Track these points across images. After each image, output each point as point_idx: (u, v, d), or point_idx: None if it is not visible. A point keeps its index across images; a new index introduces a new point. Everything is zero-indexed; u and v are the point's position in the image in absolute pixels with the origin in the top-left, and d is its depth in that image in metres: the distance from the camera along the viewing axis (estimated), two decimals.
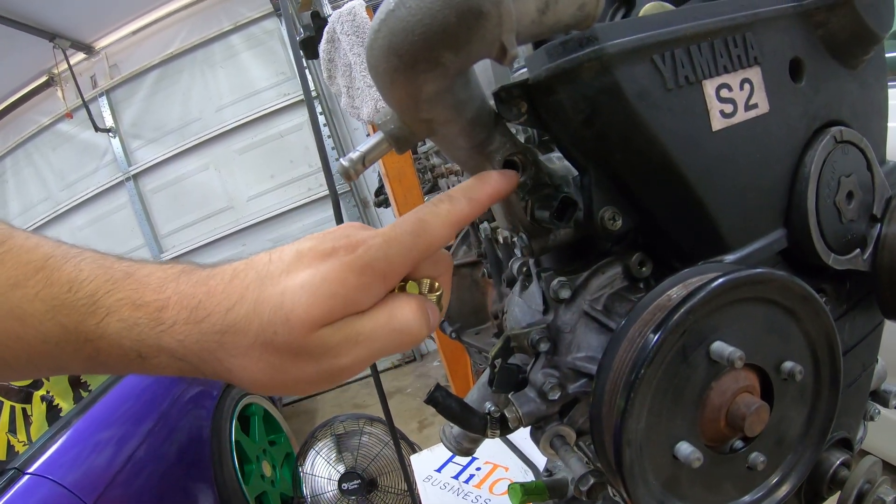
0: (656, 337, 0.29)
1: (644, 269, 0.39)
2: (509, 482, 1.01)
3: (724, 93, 0.36)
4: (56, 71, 3.89)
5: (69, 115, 3.78)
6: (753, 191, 0.38)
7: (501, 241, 0.73)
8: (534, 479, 0.66)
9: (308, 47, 2.84)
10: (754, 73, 0.37)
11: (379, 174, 2.34)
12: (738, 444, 0.34)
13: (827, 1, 0.38)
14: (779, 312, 0.33)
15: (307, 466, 1.93)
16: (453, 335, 0.99)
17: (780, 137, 0.38)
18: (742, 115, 0.37)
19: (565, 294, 0.39)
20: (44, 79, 3.95)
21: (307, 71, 3.40)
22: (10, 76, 3.85)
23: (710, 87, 0.35)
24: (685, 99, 0.34)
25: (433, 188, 1.76)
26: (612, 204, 0.37)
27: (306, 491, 1.96)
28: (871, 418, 0.48)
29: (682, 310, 0.29)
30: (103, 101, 3.88)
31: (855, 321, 0.45)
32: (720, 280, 0.30)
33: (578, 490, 0.38)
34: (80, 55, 3.86)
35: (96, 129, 3.75)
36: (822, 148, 0.39)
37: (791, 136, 0.39)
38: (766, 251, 0.39)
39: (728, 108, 0.36)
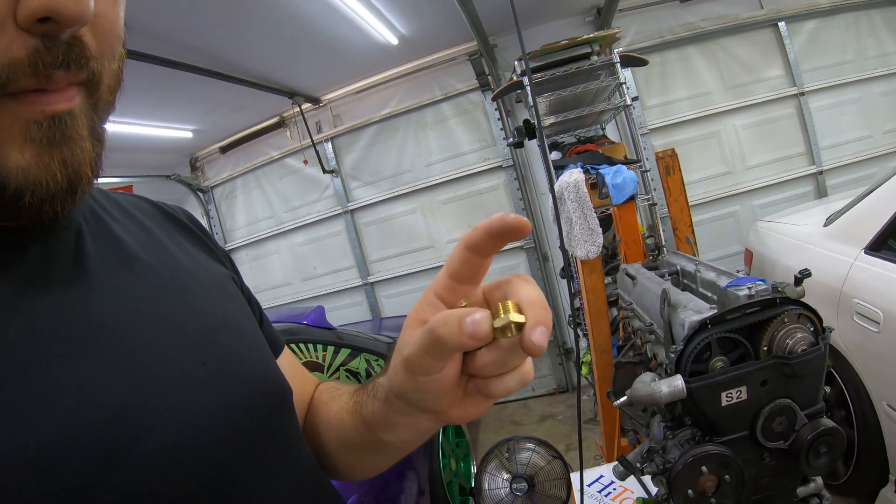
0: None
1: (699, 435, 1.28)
2: (634, 500, 1.76)
3: (729, 395, 1.23)
4: (287, 115, 4.70)
5: (305, 161, 4.64)
6: (739, 419, 1.24)
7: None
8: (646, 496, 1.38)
9: (517, 146, 3.79)
10: (744, 389, 1.23)
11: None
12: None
13: (788, 361, 1.22)
14: (724, 460, 1.21)
15: (489, 467, 2.62)
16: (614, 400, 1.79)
17: (751, 402, 1.23)
18: (735, 400, 1.23)
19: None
20: (276, 119, 4.77)
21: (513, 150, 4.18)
22: (251, 118, 4.68)
23: (723, 396, 1.23)
24: (714, 398, 1.23)
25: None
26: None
27: (486, 485, 2.55)
28: None
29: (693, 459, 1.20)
30: (328, 145, 4.71)
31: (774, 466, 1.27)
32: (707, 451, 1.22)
33: None
34: (307, 105, 4.63)
35: (324, 171, 4.61)
36: (769, 410, 1.22)
37: (757, 402, 1.23)
38: (742, 436, 1.25)
39: (730, 398, 1.23)
